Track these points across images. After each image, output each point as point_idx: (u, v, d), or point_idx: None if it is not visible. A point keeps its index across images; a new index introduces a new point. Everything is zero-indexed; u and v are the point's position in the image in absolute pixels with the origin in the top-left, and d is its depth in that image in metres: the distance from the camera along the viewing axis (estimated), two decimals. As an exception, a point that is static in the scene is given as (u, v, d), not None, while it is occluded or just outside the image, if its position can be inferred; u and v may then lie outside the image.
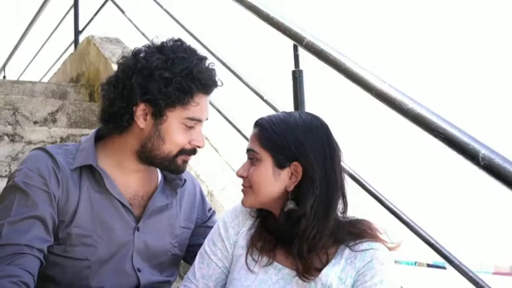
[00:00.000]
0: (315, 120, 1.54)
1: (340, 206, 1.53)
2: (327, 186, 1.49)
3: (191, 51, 1.62)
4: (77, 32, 4.98)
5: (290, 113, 1.57)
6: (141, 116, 1.60)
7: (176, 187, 1.77)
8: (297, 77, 2.54)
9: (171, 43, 1.62)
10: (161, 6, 3.80)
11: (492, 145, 1.72)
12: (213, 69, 1.64)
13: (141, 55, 1.60)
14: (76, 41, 4.96)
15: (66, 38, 5.25)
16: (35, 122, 3.70)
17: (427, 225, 2.08)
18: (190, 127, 1.61)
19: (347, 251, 1.49)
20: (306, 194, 1.48)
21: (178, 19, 3.65)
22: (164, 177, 1.77)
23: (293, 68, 2.58)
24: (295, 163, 1.49)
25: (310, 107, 2.50)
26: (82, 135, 3.29)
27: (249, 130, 1.63)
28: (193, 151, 1.65)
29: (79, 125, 3.79)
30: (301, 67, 2.57)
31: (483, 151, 1.69)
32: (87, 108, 3.89)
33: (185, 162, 1.66)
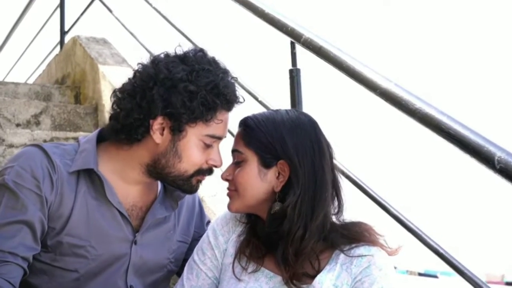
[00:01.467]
0: (303, 116, 1.48)
1: (334, 208, 1.45)
2: (315, 185, 1.40)
3: (216, 63, 1.51)
4: (63, 33, 4.87)
5: (276, 110, 1.50)
6: (158, 130, 1.48)
7: (178, 198, 1.64)
8: (294, 76, 2.41)
9: (194, 53, 1.50)
10: (151, 4, 3.67)
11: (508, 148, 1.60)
12: (235, 84, 1.53)
13: (162, 64, 1.48)
14: (61, 42, 4.83)
15: (51, 39, 5.13)
16: (18, 125, 3.59)
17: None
18: (208, 146, 1.50)
19: (342, 256, 1.39)
20: (289, 194, 1.40)
21: (168, 18, 3.52)
22: (164, 187, 1.64)
23: (290, 66, 2.46)
24: (282, 161, 1.42)
25: (308, 108, 2.38)
26: (67, 138, 3.18)
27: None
28: (209, 171, 1.54)
29: (64, 128, 3.68)
30: (298, 66, 2.44)
31: (499, 154, 1.58)
32: (72, 110, 3.78)
33: (199, 182, 1.55)
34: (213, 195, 2.64)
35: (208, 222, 1.78)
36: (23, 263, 1.40)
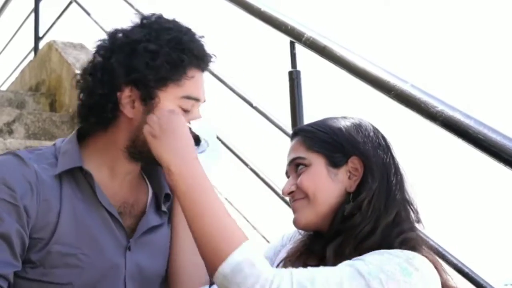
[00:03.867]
0: (358, 117, 1.37)
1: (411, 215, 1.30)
2: (387, 182, 1.28)
3: (176, 22, 1.38)
4: (37, 38, 4.68)
5: (330, 117, 1.40)
6: (128, 104, 1.33)
7: (165, 203, 1.47)
8: (294, 78, 2.23)
9: (151, 16, 1.38)
10: (132, 6, 3.46)
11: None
12: (202, 41, 1.38)
13: (119, 33, 1.35)
14: (36, 48, 4.65)
15: (25, 44, 4.93)
16: (-11, 134, 3.36)
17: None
18: (187, 111, 1.34)
19: None
20: (363, 189, 1.27)
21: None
22: (154, 192, 1.47)
23: (289, 68, 2.28)
24: (354, 157, 1.30)
25: (310, 113, 2.20)
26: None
27: (236, 139, 1.35)
28: (195, 141, 1.36)
29: (39, 136, 3.50)
30: (298, 68, 2.26)
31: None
32: (47, 118, 3.60)
33: None
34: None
35: None
36: (3, 283, 1.22)
